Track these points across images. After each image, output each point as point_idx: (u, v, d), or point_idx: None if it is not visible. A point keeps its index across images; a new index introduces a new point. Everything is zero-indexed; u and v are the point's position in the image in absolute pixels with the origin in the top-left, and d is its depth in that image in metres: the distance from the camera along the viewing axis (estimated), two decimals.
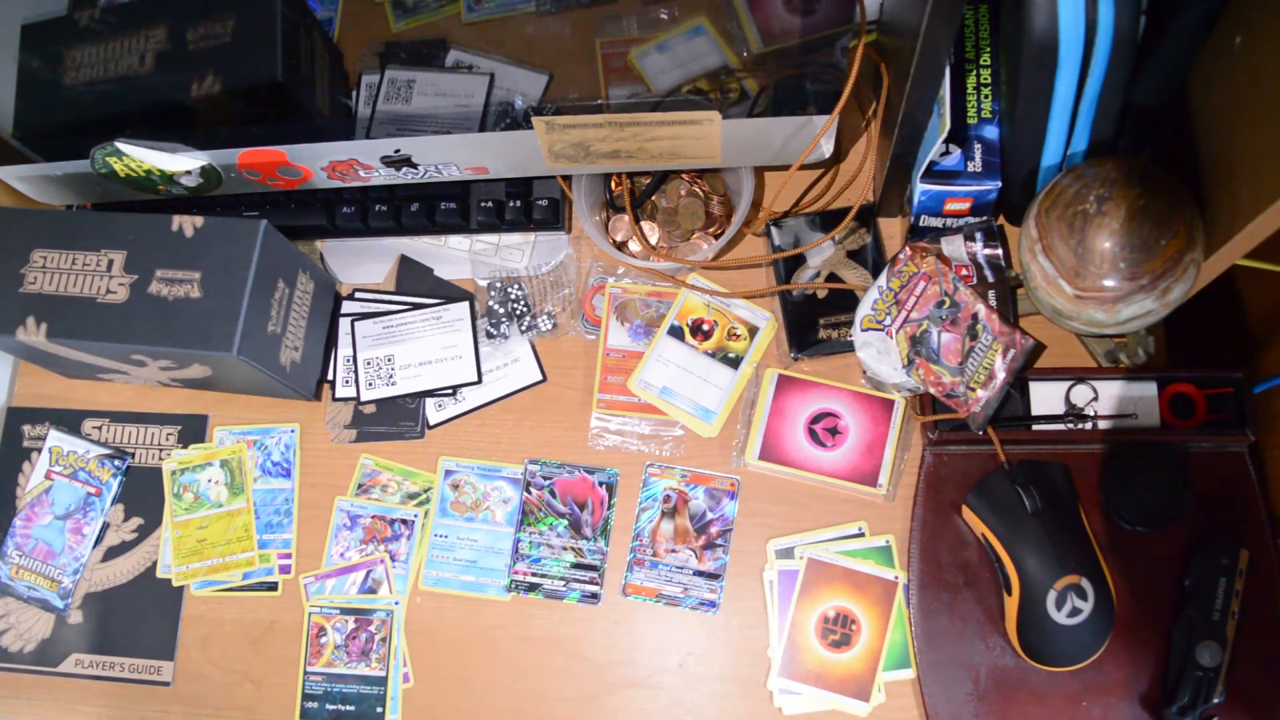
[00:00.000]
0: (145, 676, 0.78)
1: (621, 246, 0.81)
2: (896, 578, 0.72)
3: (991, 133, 0.71)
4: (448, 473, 0.78)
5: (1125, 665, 0.68)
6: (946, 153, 0.71)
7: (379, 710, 0.74)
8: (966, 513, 0.70)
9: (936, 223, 0.75)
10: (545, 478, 0.77)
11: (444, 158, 0.73)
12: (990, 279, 0.72)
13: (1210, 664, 0.65)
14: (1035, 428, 0.71)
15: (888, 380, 0.72)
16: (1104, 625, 0.66)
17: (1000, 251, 0.73)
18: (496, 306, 0.80)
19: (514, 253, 0.83)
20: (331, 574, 0.77)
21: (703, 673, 0.73)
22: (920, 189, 0.71)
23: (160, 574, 0.79)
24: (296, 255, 0.76)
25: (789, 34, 0.76)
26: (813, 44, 0.75)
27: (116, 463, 0.77)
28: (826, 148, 0.70)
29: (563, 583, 0.75)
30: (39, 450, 0.83)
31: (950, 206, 0.73)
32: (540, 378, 0.80)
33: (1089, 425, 0.71)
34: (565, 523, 0.76)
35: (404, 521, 0.78)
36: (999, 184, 0.71)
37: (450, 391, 0.80)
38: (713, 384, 0.77)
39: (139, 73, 0.76)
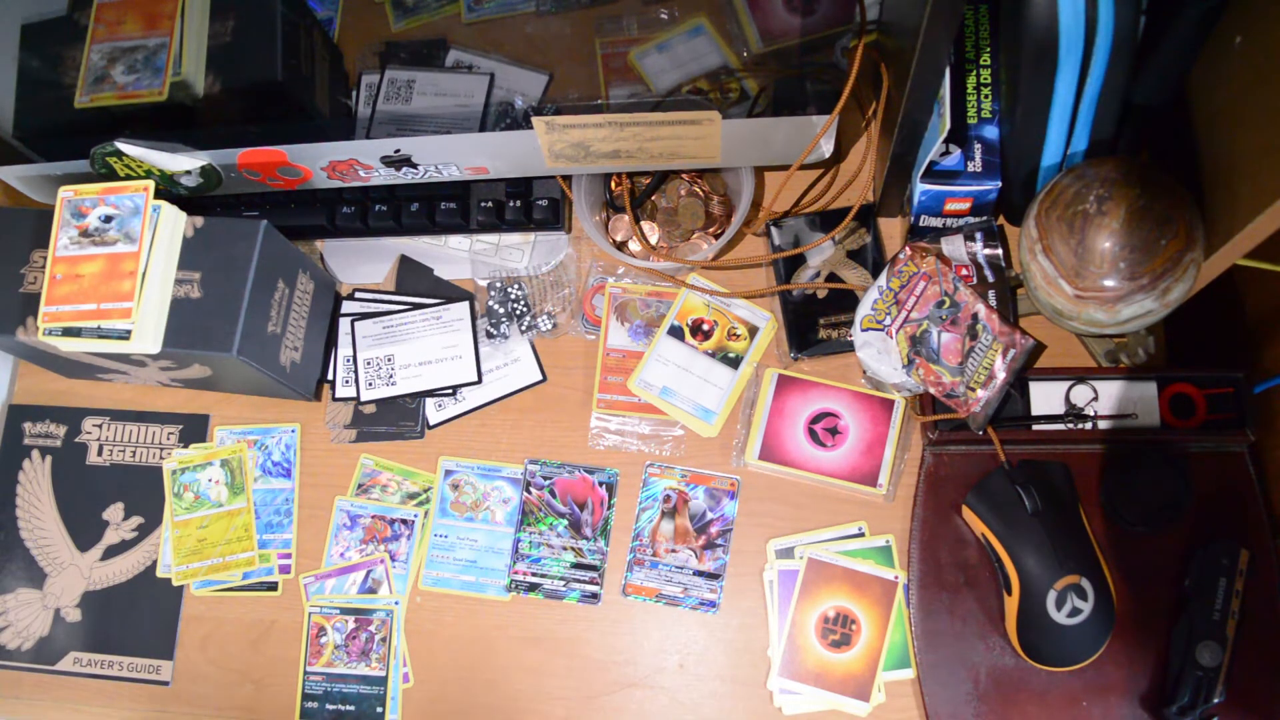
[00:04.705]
0: (144, 676, 0.78)
1: (621, 246, 0.81)
2: (896, 578, 0.72)
3: (991, 133, 0.71)
4: (448, 473, 0.78)
5: (1125, 665, 0.67)
6: (946, 153, 0.71)
7: (379, 710, 0.74)
8: (966, 513, 0.70)
9: (936, 223, 0.75)
10: (545, 478, 0.77)
11: (444, 158, 0.73)
12: (990, 279, 0.72)
13: (1210, 664, 0.65)
14: (1035, 428, 0.71)
15: (888, 380, 0.72)
16: (1104, 625, 0.66)
17: (1000, 251, 0.73)
18: (496, 306, 0.80)
19: (514, 253, 0.83)
20: (331, 574, 0.77)
21: (703, 673, 0.73)
22: (920, 189, 0.71)
23: (160, 573, 0.79)
24: (296, 255, 0.76)
25: (789, 34, 0.76)
26: (813, 44, 0.75)
27: None
28: (826, 148, 0.70)
29: (563, 583, 0.75)
30: (39, 448, 0.83)
31: (950, 206, 0.73)
32: (540, 378, 0.80)
33: (1089, 425, 0.71)
34: (565, 523, 0.76)
35: (404, 521, 0.78)
36: (999, 184, 0.71)
37: (450, 391, 0.80)
38: (713, 384, 0.77)
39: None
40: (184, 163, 0.74)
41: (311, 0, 0.85)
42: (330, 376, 0.81)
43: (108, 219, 0.69)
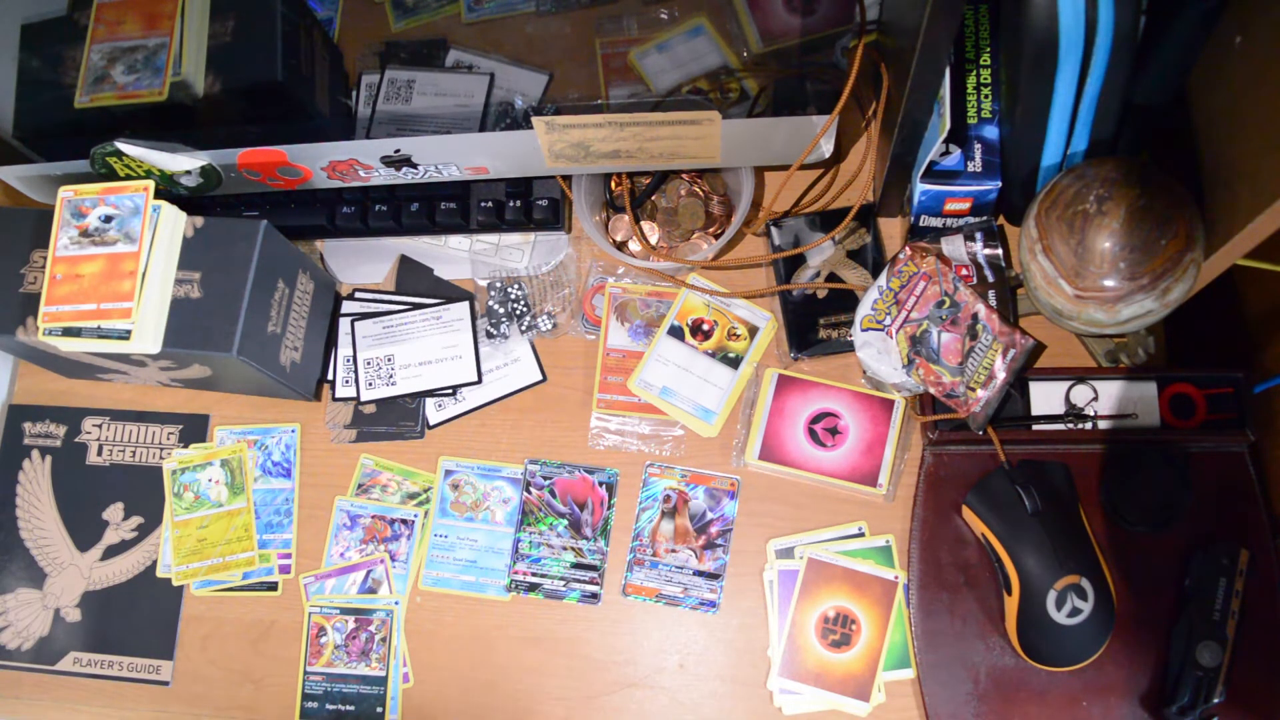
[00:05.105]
0: (144, 676, 0.78)
1: (621, 246, 0.81)
2: (896, 578, 0.72)
3: (991, 133, 0.71)
4: (448, 473, 0.78)
5: (1125, 665, 0.68)
6: (946, 153, 0.71)
7: (379, 710, 0.74)
8: (966, 513, 0.70)
9: (936, 223, 0.75)
10: (545, 478, 0.77)
11: (444, 158, 0.73)
12: (990, 279, 0.72)
13: (1210, 664, 0.65)
14: (1035, 428, 0.71)
15: (888, 380, 0.72)
16: (1104, 625, 0.66)
17: (1000, 251, 0.73)
18: (496, 306, 0.80)
19: (514, 253, 0.83)
20: (331, 574, 0.77)
21: (703, 673, 0.73)
22: (920, 189, 0.71)
23: (160, 573, 0.79)
24: (296, 255, 0.76)
25: (789, 34, 0.76)
26: (813, 44, 0.75)
27: None
28: (826, 148, 0.70)
29: (563, 583, 0.75)
30: (39, 448, 0.83)
31: (950, 206, 0.73)
32: (540, 378, 0.80)
33: (1089, 425, 0.71)
34: (565, 523, 0.76)
35: (404, 521, 0.78)
36: (999, 184, 0.71)
37: (450, 391, 0.80)
38: (713, 384, 0.77)
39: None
40: (184, 163, 0.74)
41: (311, 0, 0.86)
42: (330, 376, 0.81)
43: (108, 219, 0.69)
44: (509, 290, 0.80)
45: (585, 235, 0.82)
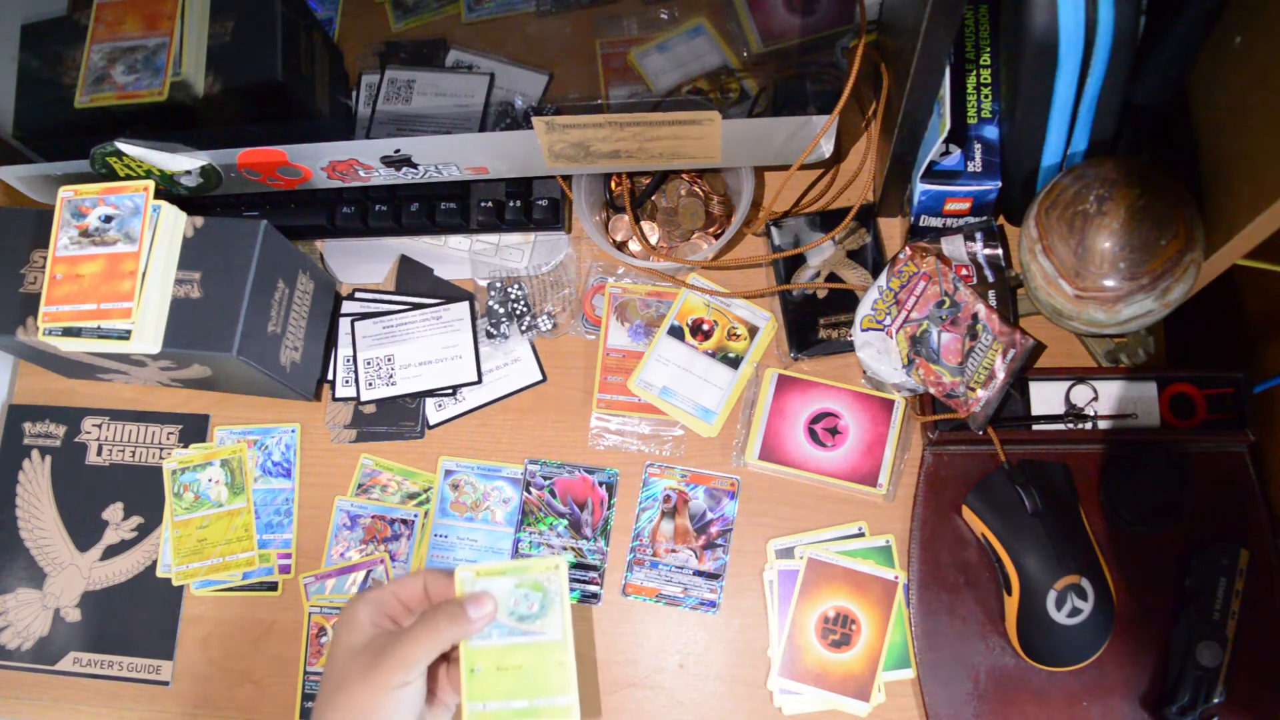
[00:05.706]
0: (144, 676, 0.78)
1: (621, 246, 0.81)
2: (896, 578, 0.72)
3: (991, 133, 0.71)
4: (448, 473, 0.78)
5: (1125, 665, 0.68)
6: (946, 153, 0.71)
7: None
8: (966, 513, 0.70)
9: (936, 223, 0.75)
10: (545, 478, 0.77)
11: (444, 158, 0.73)
12: (990, 279, 0.72)
13: (1210, 664, 0.65)
14: (1035, 428, 0.71)
15: (888, 380, 0.72)
16: (1104, 625, 0.66)
17: (1000, 251, 0.73)
18: (496, 306, 0.80)
19: (514, 253, 0.83)
20: (331, 574, 0.77)
21: (703, 673, 0.73)
22: (920, 189, 0.71)
23: (160, 573, 0.79)
24: (296, 255, 0.76)
25: (789, 34, 0.76)
26: (813, 44, 0.75)
27: None
28: (826, 148, 0.70)
29: None
30: (39, 448, 0.83)
31: (950, 206, 0.73)
32: (540, 378, 0.80)
33: (1089, 425, 0.71)
34: (565, 523, 0.76)
35: (404, 521, 0.78)
36: (999, 184, 0.71)
37: (450, 391, 0.80)
38: (713, 384, 0.77)
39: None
40: (184, 163, 0.74)
41: (311, 0, 0.86)
42: (330, 376, 0.81)
43: (108, 219, 0.69)
44: (509, 290, 0.80)
45: (585, 235, 0.82)
